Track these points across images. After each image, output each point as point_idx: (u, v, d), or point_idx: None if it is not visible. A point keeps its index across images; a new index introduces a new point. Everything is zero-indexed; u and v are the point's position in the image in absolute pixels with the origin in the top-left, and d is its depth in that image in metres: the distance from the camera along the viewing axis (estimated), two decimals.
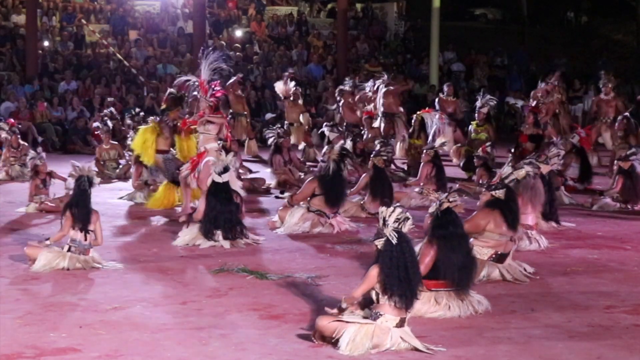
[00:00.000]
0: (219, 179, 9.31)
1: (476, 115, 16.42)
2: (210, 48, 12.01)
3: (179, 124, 11.65)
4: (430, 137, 15.40)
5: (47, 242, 8.34)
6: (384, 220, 5.96)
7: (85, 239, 8.25)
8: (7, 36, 24.07)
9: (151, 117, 12.65)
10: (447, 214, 6.84)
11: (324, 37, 27.79)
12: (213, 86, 10.90)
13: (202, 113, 10.80)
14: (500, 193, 7.86)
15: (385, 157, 11.49)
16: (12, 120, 16.16)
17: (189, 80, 11.02)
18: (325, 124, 16.20)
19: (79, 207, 8.30)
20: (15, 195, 12.84)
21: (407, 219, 6.00)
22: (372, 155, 11.59)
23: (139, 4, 27.31)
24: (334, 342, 5.84)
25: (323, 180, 10.24)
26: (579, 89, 24.71)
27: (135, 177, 12.83)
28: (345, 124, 17.21)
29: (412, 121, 16.43)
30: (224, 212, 9.26)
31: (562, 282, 7.85)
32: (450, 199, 6.89)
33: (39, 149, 12.68)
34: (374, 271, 5.92)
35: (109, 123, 16.41)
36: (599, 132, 16.83)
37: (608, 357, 5.86)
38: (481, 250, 7.72)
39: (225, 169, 9.34)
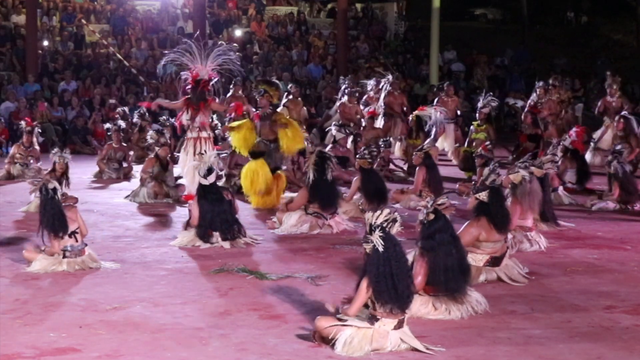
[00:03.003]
0: (205, 182, 9.26)
1: (477, 115, 16.42)
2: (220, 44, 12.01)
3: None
4: (432, 136, 15.36)
5: (43, 251, 8.22)
6: (370, 226, 5.87)
7: (77, 241, 8.18)
8: (7, 36, 24.08)
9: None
10: (434, 222, 6.67)
11: (324, 37, 27.77)
12: (211, 77, 11.02)
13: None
14: (483, 195, 7.70)
15: (368, 159, 11.16)
16: (30, 119, 16.03)
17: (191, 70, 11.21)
18: (333, 123, 16.15)
19: (53, 216, 8.07)
20: (16, 195, 12.83)
21: (394, 220, 5.89)
22: (356, 158, 11.44)
23: (139, 4, 27.32)
24: (332, 344, 5.84)
25: (311, 190, 10.19)
26: (579, 89, 24.71)
27: (145, 168, 12.69)
28: (339, 122, 17.16)
29: (409, 122, 16.40)
30: (219, 212, 9.22)
31: (562, 282, 7.84)
32: (439, 202, 6.74)
33: (66, 149, 12.35)
34: (364, 284, 5.86)
35: (122, 123, 16.48)
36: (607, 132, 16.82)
37: (608, 357, 5.86)
38: (476, 257, 7.64)
39: (210, 170, 9.27)
